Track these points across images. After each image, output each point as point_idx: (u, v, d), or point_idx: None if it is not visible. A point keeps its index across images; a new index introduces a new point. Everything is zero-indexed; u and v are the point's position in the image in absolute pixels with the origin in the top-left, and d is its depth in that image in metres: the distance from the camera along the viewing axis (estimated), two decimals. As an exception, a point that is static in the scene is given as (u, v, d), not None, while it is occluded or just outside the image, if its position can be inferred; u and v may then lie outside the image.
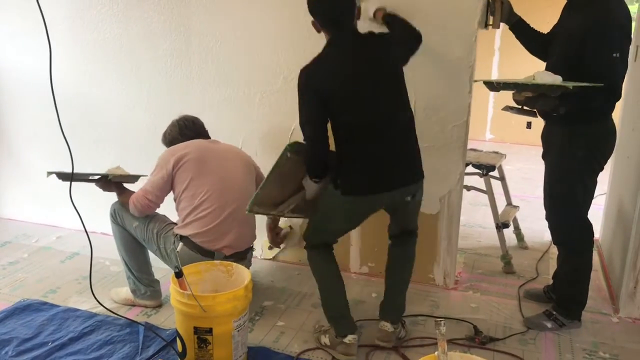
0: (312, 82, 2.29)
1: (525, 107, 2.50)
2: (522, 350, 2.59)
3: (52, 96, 2.05)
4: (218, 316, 2.24)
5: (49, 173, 2.83)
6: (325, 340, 2.56)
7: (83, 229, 2.29)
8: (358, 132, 2.30)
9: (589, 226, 2.64)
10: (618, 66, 2.38)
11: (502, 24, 2.86)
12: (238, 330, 2.31)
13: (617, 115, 3.62)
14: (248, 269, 2.59)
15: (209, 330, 2.24)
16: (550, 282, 3.02)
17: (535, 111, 2.57)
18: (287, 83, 3.13)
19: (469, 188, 3.57)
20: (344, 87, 2.28)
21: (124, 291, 2.94)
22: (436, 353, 1.85)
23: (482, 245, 3.84)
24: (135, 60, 3.42)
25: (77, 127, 3.31)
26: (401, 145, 2.38)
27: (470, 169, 3.47)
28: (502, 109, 2.71)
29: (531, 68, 3.04)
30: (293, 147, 2.40)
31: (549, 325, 2.75)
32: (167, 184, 2.73)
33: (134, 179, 2.88)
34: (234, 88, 3.28)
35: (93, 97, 3.58)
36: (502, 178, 3.78)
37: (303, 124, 2.33)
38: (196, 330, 2.25)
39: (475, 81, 2.71)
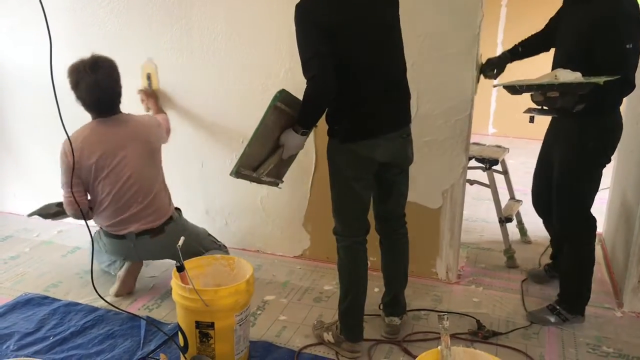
0: (311, 15, 2.16)
1: (544, 107, 2.50)
2: (525, 344, 2.58)
3: (52, 90, 2.04)
4: (220, 310, 2.22)
5: (30, 215, 3.07)
6: (328, 337, 2.54)
7: (84, 223, 2.28)
8: (358, 74, 2.23)
9: (592, 219, 2.64)
10: (631, 56, 2.37)
11: None
12: (240, 325, 2.30)
13: (621, 108, 3.61)
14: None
15: (211, 325, 2.24)
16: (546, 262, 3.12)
17: (554, 109, 2.55)
18: (289, 75, 3.10)
19: (471, 182, 3.55)
20: (348, 22, 2.18)
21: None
22: (439, 347, 1.84)
23: (485, 240, 3.82)
24: (136, 54, 3.40)
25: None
26: (400, 88, 2.36)
27: (473, 162, 3.46)
28: (524, 112, 2.69)
29: (535, 62, 3.03)
30: (282, 94, 2.28)
31: (552, 319, 2.74)
32: (75, 176, 2.78)
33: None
34: (236, 81, 3.26)
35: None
36: (505, 172, 3.76)
37: (306, 59, 2.16)
38: (198, 324, 2.25)
39: (495, 86, 2.70)
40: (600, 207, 4.00)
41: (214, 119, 3.36)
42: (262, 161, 2.41)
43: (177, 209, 3.09)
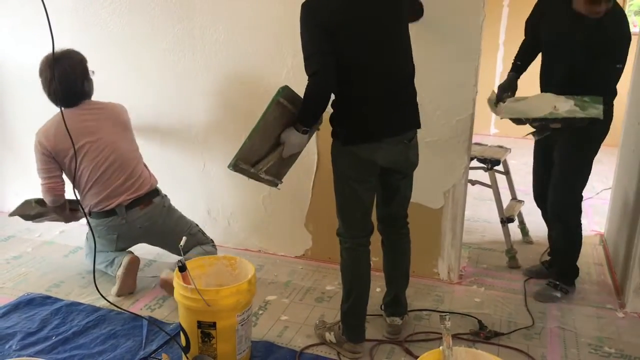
0: (315, 14, 2.18)
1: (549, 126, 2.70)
2: (527, 345, 2.58)
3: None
4: (222, 310, 2.23)
5: (11, 215, 3.16)
6: (330, 337, 2.54)
7: (86, 223, 2.29)
8: (360, 76, 2.23)
9: (581, 203, 2.91)
10: (619, 74, 2.67)
11: None
12: (242, 325, 2.30)
13: (622, 109, 3.61)
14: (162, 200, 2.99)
15: (213, 325, 2.24)
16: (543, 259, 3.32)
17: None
18: (291, 75, 3.11)
19: (473, 182, 3.55)
20: (349, 23, 2.18)
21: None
22: (441, 348, 1.84)
23: (486, 240, 3.82)
24: (139, 53, 3.40)
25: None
26: (404, 92, 2.35)
27: (474, 163, 3.46)
28: (524, 136, 2.96)
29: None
30: (285, 91, 2.28)
31: (558, 295, 2.94)
32: (51, 162, 2.92)
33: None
34: (237, 81, 3.26)
35: (95, 91, 3.57)
36: (506, 172, 3.76)
37: (308, 56, 2.18)
38: (200, 324, 2.25)
39: (502, 118, 2.87)
40: (602, 208, 4.01)
41: (216, 118, 3.36)
42: (261, 157, 2.39)
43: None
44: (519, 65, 3.06)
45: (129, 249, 3.10)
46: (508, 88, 3.04)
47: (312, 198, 3.31)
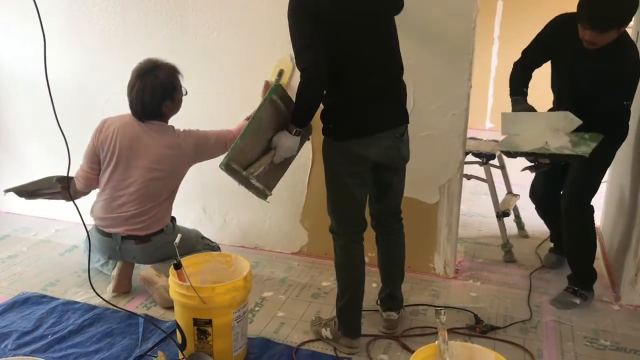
0: (305, 6, 2.15)
1: (539, 162, 2.72)
2: (523, 338, 2.59)
3: (47, 89, 2.04)
4: (217, 307, 2.22)
5: (7, 191, 3.12)
6: (326, 333, 2.53)
7: (81, 222, 2.28)
8: (351, 70, 2.22)
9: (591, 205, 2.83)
10: (627, 110, 2.67)
11: None
12: (238, 321, 2.30)
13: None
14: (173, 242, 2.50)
15: (209, 322, 2.24)
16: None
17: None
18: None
19: (469, 177, 3.56)
20: (338, 16, 2.16)
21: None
22: (437, 342, 1.84)
23: (482, 234, 3.83)
24: (132, 52, 3.38)
25: (74, 120, 3.27)
26: (395, 86, 2.35)
27: (470, 157, 3.46)
28: (521, 171, 2.89)
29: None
30: (278, 89, 2.26)
31: (577, 301, 2.85)
32: (94, 154, 2.86)
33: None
34: (232, 77, 3.25)
35: (90, 90, 3.56)
36: (502, 166, 3.76)
37: (301, 50, 2.15)
38: (196, 321, 2.25)
39: (499, 153, 2.93)
40: (598, 201, 4.01)
41: (210, 116, 3.35)
42: (253, 161, 2.35)
43: (172, 218, 3.02)
44: (525, 91, 2.89)
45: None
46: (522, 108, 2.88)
47: (308, 194, 3.31)
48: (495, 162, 3.61)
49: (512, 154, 2.69)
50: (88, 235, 2.60)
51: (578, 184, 2.76)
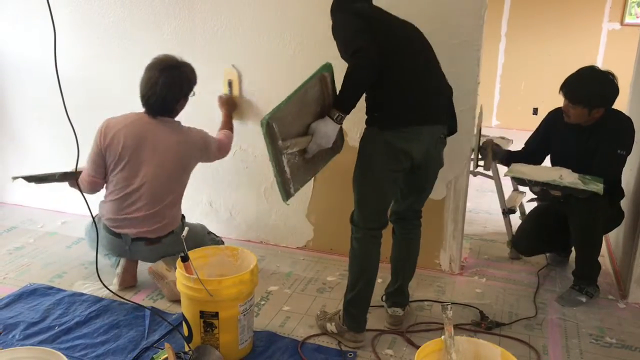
0: (347, 4, 2.28)
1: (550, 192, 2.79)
2: (528, 335, 2.59)
3: (57, 79, 2.04)
4: (224, 300, 2.23)
5: (14, 178, 3.03)
6: (331, 327, 2.54)
7: (89, 214, 2.29)
8: (398, 59, 2.23)
9: None
10: (622, 161, 2.82)
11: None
12: (244, 315, 2.31)
13: (624, 100, 3.60)
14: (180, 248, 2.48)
15: (215, 315, 2.25)
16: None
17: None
18: (294, 64, 3.10)
19: (475, 174, 3.55)
20: (380, 15, 2.29)
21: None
22: (443, 337, 1.84)
23: (488, 231, 3.83)
24: (140, 44, 3.40)
25: (81, 111, 3.28)
26: (440, 83, 2.38)
27: (476, 154, 3.45)
28: (527, 202, 3.13)
29: (538, 55, 3.03)
30: (330, 68, 2.24)
31: (583, 299, 2.85)
32: (100, 158, 2.81)
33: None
34: (239, 69, 3.25)
35: (97, 81, 3.57)
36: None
37: (351, 37, 2.18)
38: (202, 314, 2.26)
39: (505, 175, 2.96)
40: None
41: (217, 110, 3.35)
42: (290, 135, 2.20)
43: (182, 217, 3.01)
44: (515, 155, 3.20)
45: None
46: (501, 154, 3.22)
47: (314, 189, 3.31)
48: (501, 159, 3.60)
49: (526, 182, 2.81)
50: (96, 227, 2.62)
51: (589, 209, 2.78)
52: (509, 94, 7.24)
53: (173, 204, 2.88)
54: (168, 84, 2.72)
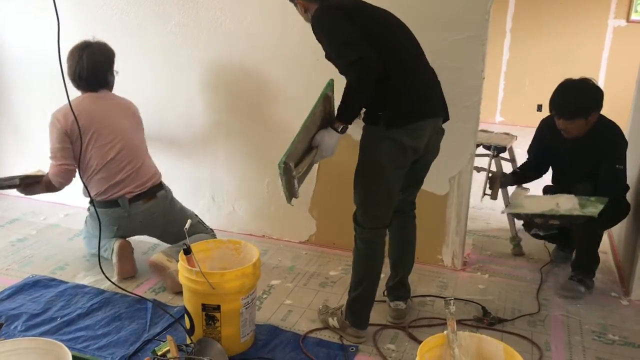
0: (333, 2, 2.20)
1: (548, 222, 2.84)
2: (531, 331, 2.58)
3: (60, 73, 2.04)
4: (226, 293, 2.23)
5: None
6: (333, 322, 2.53)
7: (87, 208, 2.28)
8: (395, 57, 2.19)
9: None
10: (622, 175, 2.84)
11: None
12: (246, 308, 2.31)
13: (629, 98, 3.59)
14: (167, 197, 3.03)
15: (217, 308, 2.24)
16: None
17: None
18: (297, 58, 3.09)
19: (479, 169, 3.54)
20: (371, 8, 2.23)
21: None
22: (445, 332, 1.84)
23: (491, 227, 3.82)
24: (144, 37, 3.39)
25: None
26: (433, 76, 2.37)
27: (480, 150, 3.44)
28: (531, 235, 3.15)
29: (543, 52, 3.03)
30: (332, 85, 2.22)
31: (582, 289, 2.88)
32: (66, 141, 2.90)
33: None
34: (242, 64, 3.24)
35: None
36: (512, 160, 3.73)
37: (344, 46, 2.10)
38: (204, 307, 2.25)
39: (502, 212, 3.05)
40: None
41: (220, 103, 3.35)
42: (299, 160, 2.23)
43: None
44: (518, 175, 3.27)
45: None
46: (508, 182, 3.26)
47: (317, 184, 3.31)
48: (505, 155, 3.59)
49: (522, 216, 2.88)
50: (98, 217, 2.62)
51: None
52: (513, 90, 7.21)
53: (147, 156, 3.10)
54: (91, 54, 2.93)
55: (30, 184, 2.98)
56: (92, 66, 2.92)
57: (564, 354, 2.44)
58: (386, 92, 2.19)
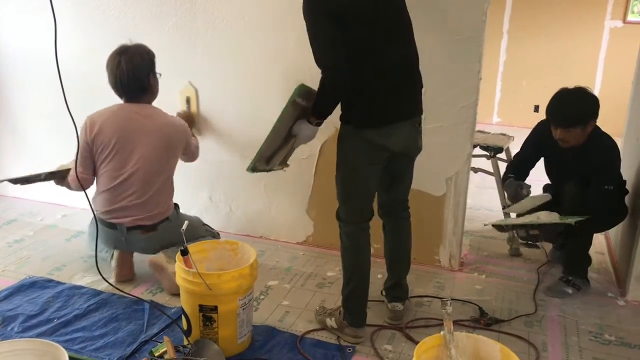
0: (321, 3, 2.14)
1: (530, 242, 3.04)
2: (528, 332, 2.59)
3: (57, 73, 2.04)
4: (223, 294, 2.23)
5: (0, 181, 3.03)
6: (331, 323, 2.54)
7: (89, 208, 2.28)
8: (373, 60, 2.20)
9: None
10: (611, 195, 2.79)
11: None
12: (243, 309, 2.31)
13: (626, 98, 3.60)
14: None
15: (214, 309, 2.25)
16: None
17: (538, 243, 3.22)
18: (294, 59, 3.09)
19: (476, 170, 3.55)
20: (355, 8, 2.15)
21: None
22: (442, 332, 1.84)
23: (488, 228, 3.81)
24: (141, 38, 3.36)
25: (82, 105, 3.28)
26: (413, 76, 2.35)
27: (477, 150, 3.44)
28: (520, 244, 3.34)
29: (540, 53, 3.03)
30: (302, 90, 2.26)
31: (569, 291, 2.89)
32: (87, 152, 2.84)
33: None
34: (240, 64, 3.24)
35: (98, 75, 3.54)
36: (509, 160, 3.75)
37: (322, 50, 2.14)
38: (201, 308, 2.25)
39: (485, 225, 3.07)
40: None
41: (217, 102, 3.35)
42: (274, 153, 2.39)
43: (175, 205, 3.05)
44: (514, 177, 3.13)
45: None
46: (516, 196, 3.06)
47: (314, 184, 3.31)
48: (502, 155, 3.60)
49: (504, 228, 2.94)
50: (96, 221, 2.62)
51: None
52: (510, 91, 7.22)
53: (163, 189, 2.92)
54: (130, 58, 2.78)
55: (58, 178, 2.98)
56: (132, 70, 2.78)
57: (560, 354, 2.44)
58: (360, 94, 2.23)
